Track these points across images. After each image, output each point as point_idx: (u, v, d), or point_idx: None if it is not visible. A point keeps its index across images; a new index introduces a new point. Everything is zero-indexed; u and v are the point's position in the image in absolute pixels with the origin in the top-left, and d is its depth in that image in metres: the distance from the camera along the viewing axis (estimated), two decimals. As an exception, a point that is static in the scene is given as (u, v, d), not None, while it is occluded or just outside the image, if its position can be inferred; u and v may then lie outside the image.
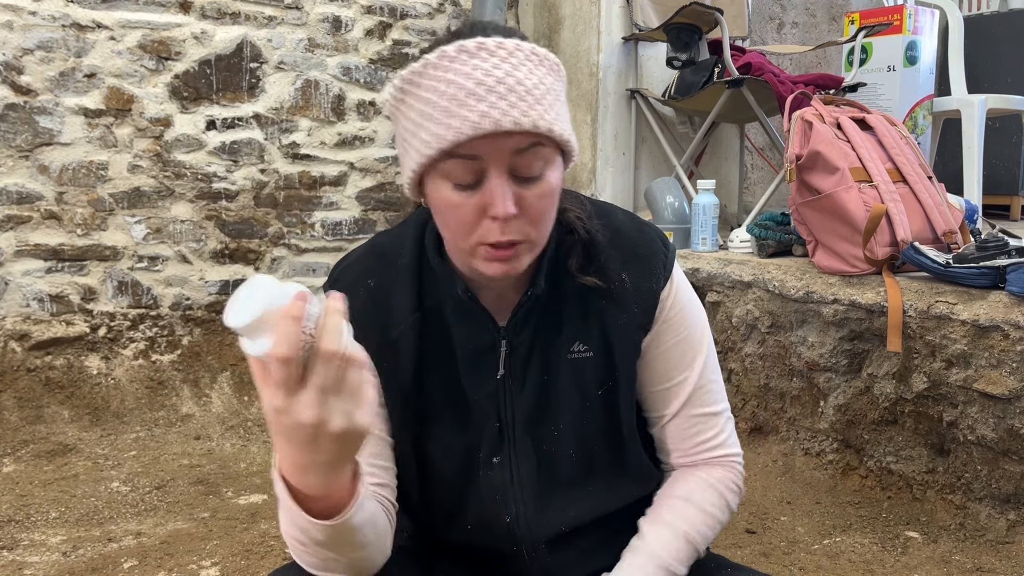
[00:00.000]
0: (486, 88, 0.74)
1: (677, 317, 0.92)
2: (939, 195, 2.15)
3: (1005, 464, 1.76)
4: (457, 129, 0.74)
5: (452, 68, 0.75)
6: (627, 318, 0.90)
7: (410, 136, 0.79)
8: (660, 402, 0.94)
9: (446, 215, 0.80)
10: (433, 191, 0.80)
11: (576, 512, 0.91)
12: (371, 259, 0.93)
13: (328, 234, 3.07)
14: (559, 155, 0.82)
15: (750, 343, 2.27)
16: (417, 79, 0.78)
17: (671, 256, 0.93)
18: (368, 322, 0.89)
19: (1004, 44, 3.70)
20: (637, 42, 3.08)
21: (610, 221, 0.93)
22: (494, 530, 0.90)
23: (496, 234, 0.78)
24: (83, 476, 2.22)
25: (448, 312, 0.90)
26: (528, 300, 0.88)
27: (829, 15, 3.81)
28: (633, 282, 0.90)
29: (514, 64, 0.76)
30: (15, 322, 2.63)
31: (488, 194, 0.77)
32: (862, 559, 1.75)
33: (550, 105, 0.77)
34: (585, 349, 0.90)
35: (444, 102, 0.75)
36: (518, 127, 0.74)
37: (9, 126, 2.61)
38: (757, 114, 2.73)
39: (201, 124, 2.85)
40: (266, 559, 1.76)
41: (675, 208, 2.70)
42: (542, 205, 0.80)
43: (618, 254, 0.91)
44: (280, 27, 2.94)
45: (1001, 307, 1.76)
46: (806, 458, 2.15)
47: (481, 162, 0.76)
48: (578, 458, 0.91)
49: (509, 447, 0.90)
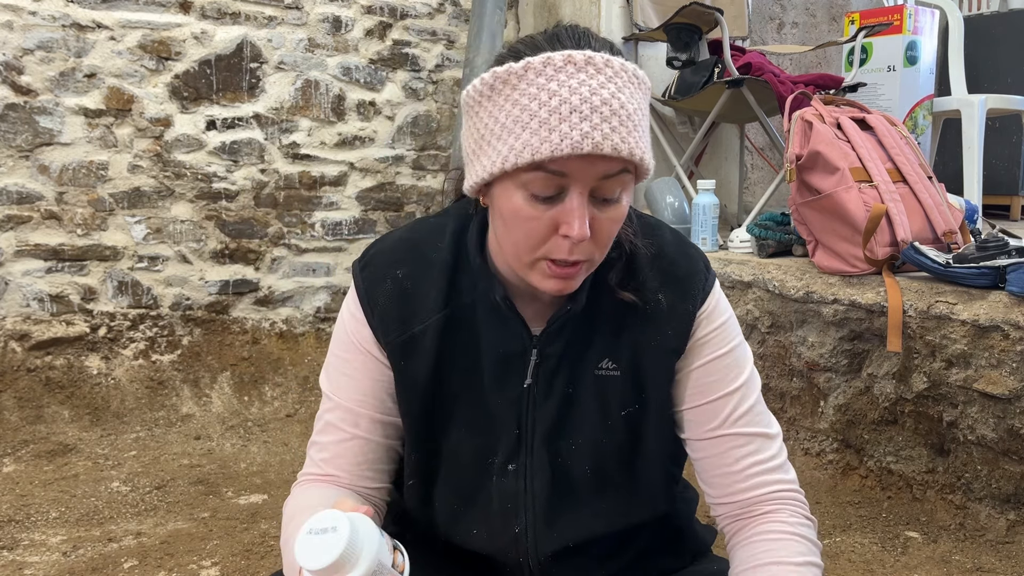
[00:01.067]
0: (591, 107, 0.72)
1: (716, 334, 0.90)
2: (939, 195, 2.15)
3: (1005, 464, 1.76)
4: (556, 144, 0.71)
5: (556, 79, 0.73)
6: (660, 340, 0.88)
7: (493, 137, 0.76)
8: (701, 417, 0.90)
9: (513, 224, 0.78)
10: (504, 197, 0.77)
11: (585, 529, 0.90)
12: (404, 248, 0.91)
13: (328, 234, 3.08)
14: (634, 179, 0.80)
15: (750, 343, 2.27)
16: (515, 81, 0.74)
17: (711, 279, 0.91)
18: (391, 316, 0.88)
19: (1004, 44, 3.70)
20: (637, 42, 3.08)
21: (655, 240, 0.90)
22: (501, 537, 0.90)
23: (564, 252, 0.76)
24: (83, 476, 2.22)
25: (480, 313, 0.88)
26: (566, 313, 0.86)
27: (829, 15, 3.81)
28: (669, 303, 0.88)
29: (619, 85, 0.74)
30: (15, 322, 2.63)
31: (565, 213, 0.75)
32: (862, 559, 1.75)
33: (643, 132, 0.76)
34: (613, 367, 0.88)
35: (544, 113, 0.72)
36: (616, 153, 0.72)
37: (9, 126, 2.61)
38: (757, 114, 2.73)
39: (201, 124, 2.85)
40: (266, 559, 1.76)
41: (675, 208, 2.70)
42: (612, 229, 0.79)
43: (658, 274, 0.89)
44: (280, 27, 2.94)
45: (1001, 307, 1.76)
46: (806, 458, 2.15)
47: (566, 180, 0.74)
48: (592, 474, 0.89)
49: (526, 456, 0.89)
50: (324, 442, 0.92)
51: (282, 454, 2.44)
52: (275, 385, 2.83)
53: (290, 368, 2.89)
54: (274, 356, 2.91)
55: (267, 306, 2.99)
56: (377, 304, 0.89)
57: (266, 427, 2.63)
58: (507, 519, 0.89)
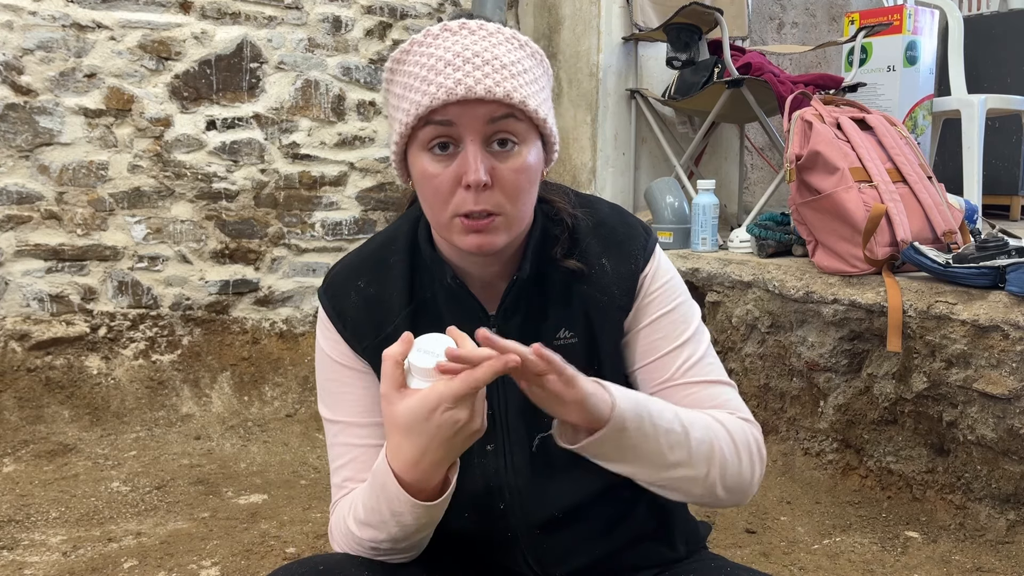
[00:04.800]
0: (463, 59, 0.78)
1: (660, 292, 0.93)
2: (939, 195, 2.15)
3: (1005, 464, 1.76)
4: (432, 95, 0.78)
5: (435, 44, 0.80)
6: (607, 300, 0.91)
7: (394, 111, 0.84)
8: (654, 372, 0.92)
9: (424, 187, 0.83)
10: (414, 165, 0.83)
11: (567, 496, 0.91)
12: (359, 261, 0.96)
13: (328, 234, 3.08)
14: (537, 137, 0.84)
15: (750, 343, 2.27)
16: (404, 56, 0.83)
17: (652, 241, 0.95)
18: (361, 323, 0.91)
19: (1004, 44, 3.70)
20: (637, 42, 3.08)
21: (594, 211, 0.95)
22: (489, 516, 0.92)
23: (470, 203, 0.80)
24: (83, 476, 2.22)
25: (441, 302, 0.91)
26: (515, 285, 0.89)
27: (829, 15, 3.81)
28: (613, 266, 0.92)
29: (492, 43, 0.81)
30: (15, 322, 2.63)
31: (462, 163, 0.80)
32: (862, 559, 1.75)
33: (526, 82, 0.81)
34: (571, 335, 0.91)
35: (424, 72, 0.79)
36: (490, 95, 0.78)
37: (9, 126, 2.61)
38: (757, 114, 2.73)
39: (201, 124, 2.85)
40: (266, 559, 1.76)
41: (675, 208, 2.70)
42: (517, 180, 0.82)
43: (599, 241, 0.93)
44: (280, 27, 2.94)
45: (1001, 307, 1.76)
46: (806, 458, 2.15)
47: (456, 129, 0.79)
48: None
49: (503, 434, 0.91)
50: (343, 463, 0.94)
51: (282, 454, 2.44)
52: (275, 385, 2.83)
53: (290, 368, 2.89)
54: (274, 356, 2.91)
55: (267, 306, 2.99)
56: (347, 317, 0.92)
57: (266, 427, 2.63)
58: (492, 497, 0.91)
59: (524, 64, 0.82)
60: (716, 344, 2.36)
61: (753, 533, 1.87)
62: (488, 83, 0.78)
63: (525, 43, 0.84)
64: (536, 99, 0.82)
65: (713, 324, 2.36)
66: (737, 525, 1.90)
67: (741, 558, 1.73)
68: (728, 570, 0.93)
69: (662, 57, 3.02)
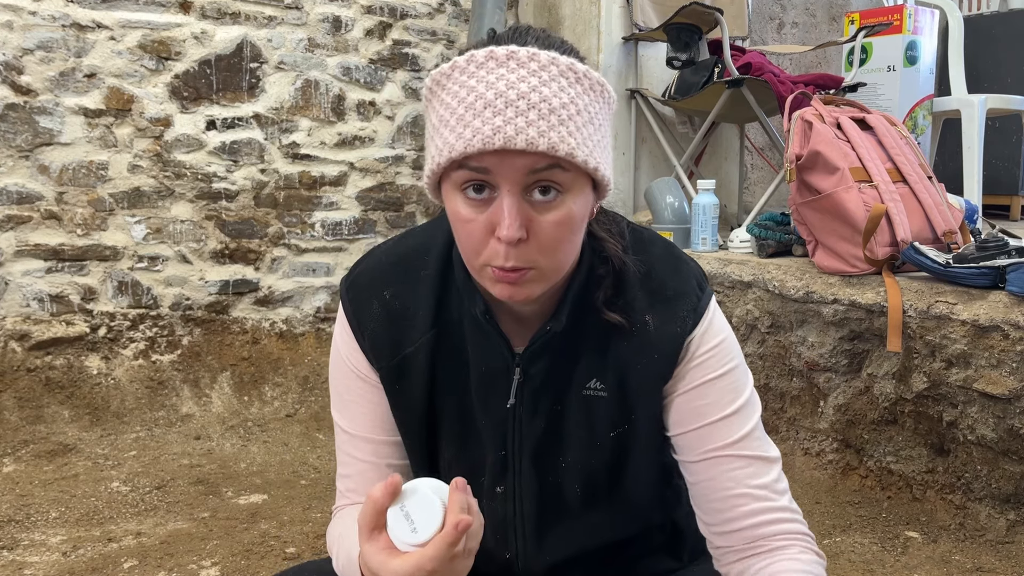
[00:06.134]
0: (505, 101, 0.69)
1: (709, 356, 0.84)
2: (939, 195, 2.15)
3: (1005, 464, 1.76)
4: (468, 140, 0.70)
5: (476, 75, 0.71)
6: (646, 363, 0.84)
7: (429, 140, 0.76)
8: (699, 441, 0.84)
9: (457, 228, 0.76)
10: (448, 200, 0.76)
11: (575, 545, 0.89)
12: (390, 266, 0.89)
13: (328, 234, 3.08)
14: (587, 184, 0.76)
15: (750, 343, 2.27)
16: (444, 81, 0.74)
17: (704, 299, 0.85)
18: (381, 340, 0.86)
19: (1004, 44, 3.70)
20: (637, 42, 3.08)
21: (646, 257, 0.86)
22: (493, 562, 0.90)
23: (501, 258, 0.73)
24: (83, 476, 2.22)
25: (466, 330, 0.86)
26: (546, 334, 0.83)
27: (829, 15, 3.81)
28: (656, 325, 0.84)
29: (543, 79, 0.71)
30: (15, 322, 2.63)
31: (496, 213, 0.72)
32: (862, 559, 1.75)
33: (577, 128, 0.72)
34: (601, 388, 0.85)
35: (461, 110, 0.71)
36: (531, 147, 0.69)
37: (9, 126, 2.61)
38: (757, 114, 2.73)
39: (201, 124, 2.85)
40: (266, 559, 1.76)
41: (675, 208, 2.70)
42: (556, 233, 0.73)
43: (646, 294, 0.85)
44: (280, 27, 2.94)
45: (1001, 307, 1.76)
46: (806, 458, 2.15)
47: (492, 176, 0.72)
48: (581, 494, 0.88)
49: (514, 478, 0.87)
50: (347, 473, 0.92)
51: (282, 454, 2.44)
52: (275, 385, 2.83)
53: (290, 368, 2.89)
54: (274, 356, 2.91)
55: (267, 306, 2.99)
56: (367, 328, 0.87)
57: (266, 427, 2.63)
58: (498, 544, 0.89)
59: (579, 104, 0.72)
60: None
61: (753, 533, 1.87)
62: (531, 133, 0.69)
63: (584, 75, 0.73)
64: (587, 146, 0.72)
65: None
66: (737, 525, 1.90)
67: (741, 558, 1.73)
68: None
69: (662, 57, 3.02)
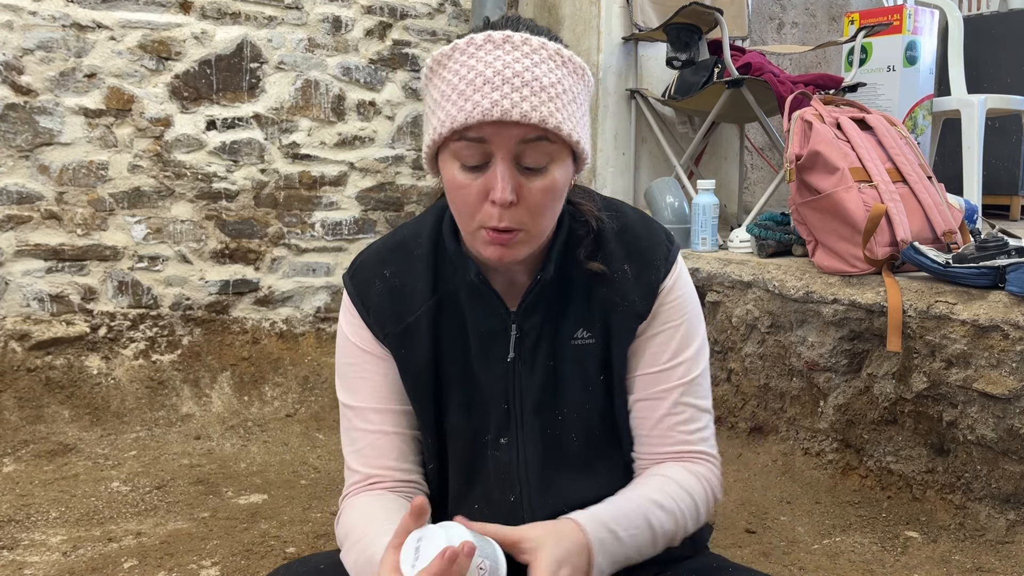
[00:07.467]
0: (502, 79, 0.79)
1: (673, 306, 0.95)
2: (939, 195, 2.15)
3: (1005, 464, 1.76)
4: (468, 112, 0.79)
5: (476, 56, 0.81)
6: (626, 306, 0.93)
7: (430, 114, 0.85)
8: (648, 384, 0.95)
9: (453, 194, 0.85)
10: (445, 169, 0.85)
11: (579, 493, 0.93)
12: (387, 250, 0.97)
13: (328, 234, 3.08)
14: (569, 155, 0.85)
15: (750, 343, 2.27)
16: (446, 61, 0.83)
17: (674, 251, 0.96)
18: (384, 311, 0.94)
19: (1004, 44, 3.70)
20: (637, 42, 3.08)
21: (619, 216, 0.96)
22: (499, 508, 0.93)
23: (495, 219, 0.82)
24: (83, 476, 2.22)
25: (463, 297, 0.93)
26: (537, 285, 0.91)
27: (829, 15, 3.81)
28: (634, 273, 0.93)
29: (535, 61, 0.81)
30: (15, 322, 2.63)
31: (491, 179, 0.81)
32: (862, 559, 1.75)
33: (563, 105, 0.81)
34: (588, 336, 0.93)
35: (463, 86, 0.80)
36: (525, 119, 0.78)
37: (9, 126, 2.61)
38: (757, 114, 2.73)
39: (201, 124, 2.85)
40: (266, 559, 1.77)
41: (675, 208, 2.70)
42: (543, 199, 0.83)
43: (623, 246, 0.94)
44: (280, 27, 2.94)
45: (1001, 307, 1.76)
46: (806, 458, 2.15)
47: (488, 146, 0.81)
48: (581, 441, 0.94)
49: (516, 429, 0.93)
50: (357, 448, 0.96)
51: (282, 454, 2.44)
52: (275, 385, 2.83)
53: (290, 368, 2.89)
54: (274, 356, 2.91)
55: (267, 306, 2.99)
56: (371, 304, 0.94)
57: (266, 427, 2.63)
58: (503, 490, 0.93)
59: (565, 84, 0.82)
60: (716, 344, 2.36)
61: (753, 533, 1.87)
62: (525, 107, 0.78)
63: (568, 59, 0.84)
64: (571, 121, 0.82)
65: (713, 324, 2.36)
66: (737, 525, 1.90)
67: (741, 558, 1.73)
68: (728, 570, 0.94)
69: (662, 57, 3.02)
